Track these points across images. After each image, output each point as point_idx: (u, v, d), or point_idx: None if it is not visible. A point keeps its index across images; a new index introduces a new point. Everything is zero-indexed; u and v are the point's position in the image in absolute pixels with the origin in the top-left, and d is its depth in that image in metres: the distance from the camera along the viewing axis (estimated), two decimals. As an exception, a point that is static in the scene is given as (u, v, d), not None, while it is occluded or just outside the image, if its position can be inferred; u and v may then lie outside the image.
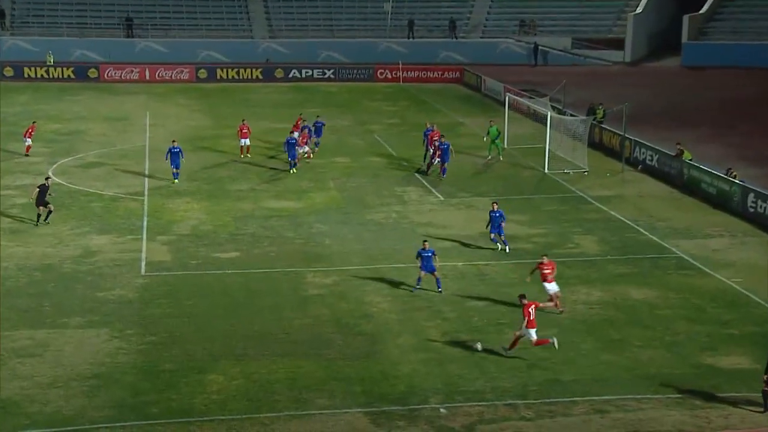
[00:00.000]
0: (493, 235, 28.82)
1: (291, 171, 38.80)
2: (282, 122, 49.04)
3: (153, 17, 74.18)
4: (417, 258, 25.80)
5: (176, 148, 37.04)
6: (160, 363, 21.48)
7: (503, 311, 24.44)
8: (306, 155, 40.86)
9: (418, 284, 25.68)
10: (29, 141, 41.89)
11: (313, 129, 42.86)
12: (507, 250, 28.71)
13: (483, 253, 28.68)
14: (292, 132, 40.03)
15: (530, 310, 21.64)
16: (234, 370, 21.14)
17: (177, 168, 37.05)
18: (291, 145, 38.85)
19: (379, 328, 23.51)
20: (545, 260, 24.59)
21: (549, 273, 24.32)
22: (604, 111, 46.33)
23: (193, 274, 27.38)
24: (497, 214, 28.67)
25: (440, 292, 25.53)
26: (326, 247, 29.86)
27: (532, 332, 21.68)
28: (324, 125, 43.79)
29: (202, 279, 26.97)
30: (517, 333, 21.77)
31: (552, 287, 24.34)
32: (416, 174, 38.88)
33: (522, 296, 22.11)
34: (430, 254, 25.56)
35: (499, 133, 41.92)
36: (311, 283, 26.65)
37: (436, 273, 25.62)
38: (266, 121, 49.61)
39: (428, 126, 40.74)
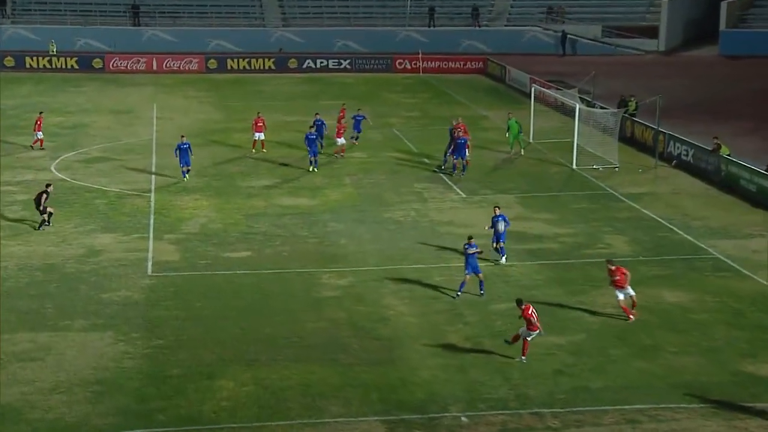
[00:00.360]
0: (494, 244, 27.98)
1: (311, 169, 38.53)
2: (295, 115, 49.19)
3: (161, 4, 74.50)
4: (464, 254, 25.61)
5: (185, 144, 37.02)
6: (167, 368, 21.55)
7: (529, 315, 24.37)
8: (342, 149, 40.91)
9: (461, 289, 25.44)
10: (40, 134, 42.11)
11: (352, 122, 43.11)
12: (503, 261, 27.90)
13: (507, 254, 28.55)
14: (311, 128, 39.77)
15: (531, 312, 21.67)
16: (245, 375, 21.19)
17: (187, 165, 37.02)
18: (311, 140, 38.72)
19: (397, 332, 23.51)
20: (612, 267, 24.40)
21: (620, 279, 24.16)
22: (636, 103, 46.10)
23: (201, 274, 27.46)
24: (499, 219, 27.93)
25: (482, 295, 25.45)
26: (342, 246, 29.88)
27: (534, 335, 21.81)
28: (364, 118, 43.77)
29: (211, 280, 27.05)
30: (520, 333, 21.87)
31: (629, 291, 24.20)
32: (436, 170, 38.76)
33: (519, 301, 22.15)
34: (476, 248, 25.36)
35: (520, 126, 41.72)
36: (326, 284, 26.67)
37: (480, 275, 25.52)
38: (279, 114, 49.70)
39: (453, 122, 40.13)
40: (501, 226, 27.86)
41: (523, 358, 21.79)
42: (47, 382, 20.87)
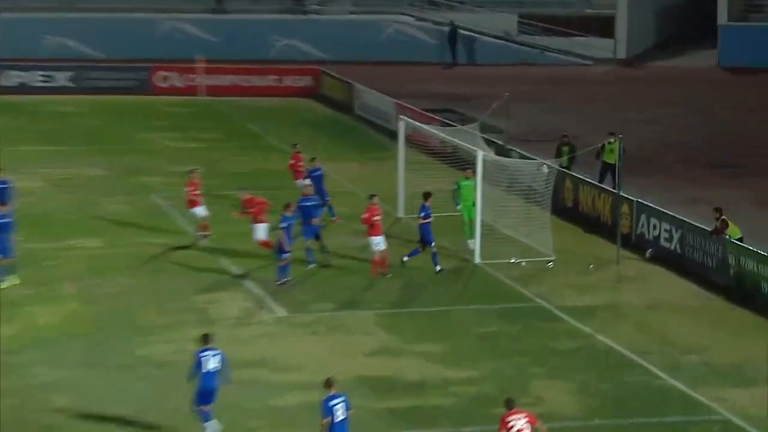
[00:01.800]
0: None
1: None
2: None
3: None
4: (325, 420, 25.18)
5: None
6: None
7: None
8: (202, 226, 41.68)
9: None
10: None
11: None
12: None
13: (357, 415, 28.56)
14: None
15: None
16: None
17: None
18: (4, 227, 37.50)
19: None
20: (513, 411, 24.69)
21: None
22: (621, 147, 42.54)
23: None
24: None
25: None
26: (57, 413, 29.31)
27: None
28: (321, 174, 44.56)
29: None
30: None
31: None
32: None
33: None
34: (342, 402, 25.27)
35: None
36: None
37: None
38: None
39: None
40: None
41: None
42: None
